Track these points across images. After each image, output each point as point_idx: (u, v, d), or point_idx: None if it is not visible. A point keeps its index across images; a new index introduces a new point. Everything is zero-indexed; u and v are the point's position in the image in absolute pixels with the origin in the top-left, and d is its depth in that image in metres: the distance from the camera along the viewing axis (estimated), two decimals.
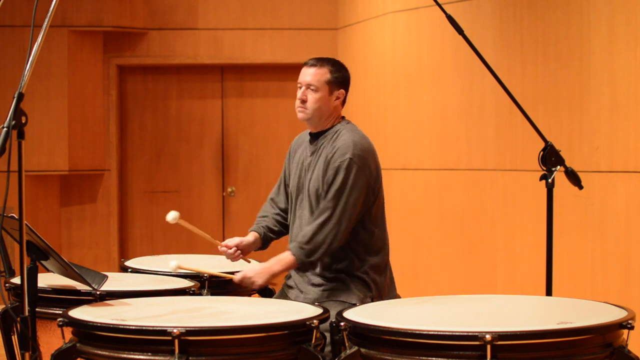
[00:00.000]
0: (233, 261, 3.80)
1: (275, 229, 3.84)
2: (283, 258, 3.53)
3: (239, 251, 3.75)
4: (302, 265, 3.53)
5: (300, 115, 3.65)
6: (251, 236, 3.81)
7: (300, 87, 3.65)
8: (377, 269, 3.59)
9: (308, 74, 3.62)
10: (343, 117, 3.72)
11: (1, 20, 7.73)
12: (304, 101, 3.62)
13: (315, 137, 3.68)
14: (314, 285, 3.57)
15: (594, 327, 2.56)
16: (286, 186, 3.83)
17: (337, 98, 3.64)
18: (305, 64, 3.66)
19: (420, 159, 6.88)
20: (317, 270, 3.58)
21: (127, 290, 3.38)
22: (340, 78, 3.65)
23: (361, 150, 3.54)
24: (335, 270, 3.57)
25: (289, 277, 3.71)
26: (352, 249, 3.57)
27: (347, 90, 3.69)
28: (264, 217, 3.88)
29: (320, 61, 3.65)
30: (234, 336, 2.67)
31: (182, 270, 3.77)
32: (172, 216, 3.72)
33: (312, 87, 3.61)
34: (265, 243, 3.85)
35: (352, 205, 3.49)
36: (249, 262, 3.90)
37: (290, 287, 3.67)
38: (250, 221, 3.97)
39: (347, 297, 3.49)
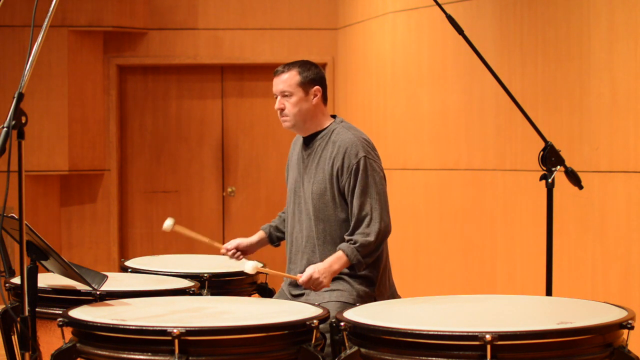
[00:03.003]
0: (237, 261, 3.86)
1: (283, 228, 3.87)
2: (339, 257, 3.45)
3: (238, 252, 3.83)
4: (357, 264, 3.47)
5: (284, 124, 3.65)
6: (256, 236, 3.90)
7: (277, 97, 3.65)
8: (378, 269, 3.59)
9: (279, 83, 3.63)
10: (335, 116, 3.71)
11: (1, 20, 7.73)
12: (282, 109, 3.62)
13: (309, 139, 3.67)
14: None
15: (594, 327, 2.56)
16: None
17: (315, 96, 3.62)
18: (274, 74, 3.66)
19: (420, 159, 6.88)
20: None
21: (127, 290, 3.38)
22: (310, 76, 3.62)
23: (368, 145, 3.57)
24: None
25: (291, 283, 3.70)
26: None
27: (323, 87, 3.65)
28: (280, 215, 3.93)
29: (286, 66, 3.64)
30: (234, 336, 2.67)
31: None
32: (167, 224, 3.69)
33: (286, 93, 3.61)
34: (273, 241, 3.91)
35: (384, 194, 3.54)
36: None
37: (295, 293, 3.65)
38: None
39: (349, 298, 3.49)
